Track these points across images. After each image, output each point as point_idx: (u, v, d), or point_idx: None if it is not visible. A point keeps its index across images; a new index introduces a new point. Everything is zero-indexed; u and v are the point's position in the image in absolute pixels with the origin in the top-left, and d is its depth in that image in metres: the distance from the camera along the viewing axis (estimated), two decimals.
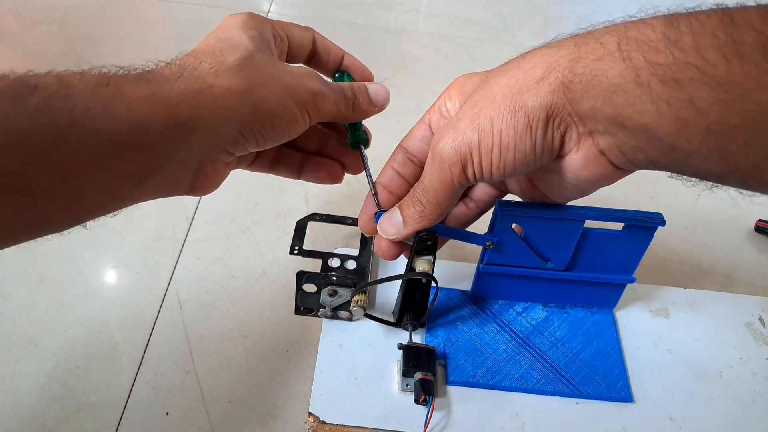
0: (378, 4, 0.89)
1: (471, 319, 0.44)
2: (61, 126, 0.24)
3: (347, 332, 0.42)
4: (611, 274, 0.42)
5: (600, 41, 0.27)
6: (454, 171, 0.31)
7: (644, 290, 0.48)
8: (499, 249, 0.40)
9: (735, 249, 0.58)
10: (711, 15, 0.24)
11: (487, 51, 0.81)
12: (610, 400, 0.40)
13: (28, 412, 0.39)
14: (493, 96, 0.30)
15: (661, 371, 0.43)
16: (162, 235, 0.52)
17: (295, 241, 0.46)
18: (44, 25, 0.74)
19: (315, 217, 0.48)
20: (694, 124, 0.24)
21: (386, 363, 0.41)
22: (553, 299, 0.45)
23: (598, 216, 0.38)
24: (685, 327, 0.46)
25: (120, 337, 0.44)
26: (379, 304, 0.44)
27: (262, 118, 0.30)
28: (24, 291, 0.46)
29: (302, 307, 0.42)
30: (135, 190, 0.28)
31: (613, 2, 0.94)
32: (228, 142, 0.30)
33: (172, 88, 0.27)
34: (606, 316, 0.45)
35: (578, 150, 0.30)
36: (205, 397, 0.41)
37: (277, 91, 0.31)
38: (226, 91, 0.29)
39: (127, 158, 0.26)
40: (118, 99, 0.25)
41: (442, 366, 0.41)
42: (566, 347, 0.43)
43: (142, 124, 0.26)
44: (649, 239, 0.40)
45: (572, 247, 0.40)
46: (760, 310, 0.48)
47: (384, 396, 0.39)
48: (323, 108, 0.34)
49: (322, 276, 0.40)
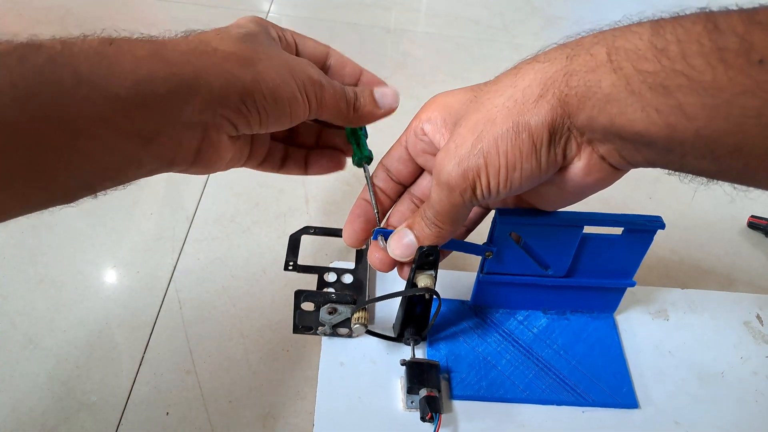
0: (378, 4, 0.89)
1: (472, 330, 0.44)
2: (66, 83, 0.24)
3: (347, 349, 0.42)
4: (611, 279, 0.42)
5: (590, 52, 0.27)
6: (465, 195, 0.31)
7: (642, 292, 0.48)
8: (499, 258, 0.40)
9: (729, 246, 0.58)
10: (696, 21, 0.24)
11: (487, 51, 0.81)
12: (615, 407, 0.40)
13: (28, 412, 0.39)
14: (493, 118, 0.30)
15: (663, 374, 0.43)
16: (162, 235, 0.52)
17: (289, 256, 0.45)
18: (44, 25, 0.74)
19: (308, 230, 0.47)
20: (684, 130, 0.25)
21: (389, 379, 0.40)
22: (553, 306, 0.45)
23: (597, 221, 0.38)
24: (685, 328, 0.46)
25: (120, 337, 0.44)
26: (379, 318, 0.44)
27: (264, 89, 0.31)
28: (24, 291, 0.46)
29: (300, 326, 0.42)
30: (141, 153, 0.28)
31: (613, 2, 0.94)
32: (231, 110, 0.30)
33: (176, 48, 0.28)
34: (606, 321, 0.45)
35: (579, 159, 0.30)
36: (205, 397, 0.41)
37: (279, 67, 0.32)
38: (229, 55, 0.30)
39: (132, 115, 0.26)
40: (121, 56, 0.26)
41: (446, 380, 0.41)
42: (569, 355, 0.43)
43: (146, 80, 0.26)
44: (648, 243, 0.40)
45: (572, 253, 0.40)
46: (758, 307, 0.48)
47: (389, 414, 0.39)
48: (322, 98, 0.34)
49: (321, 294, 0.40)
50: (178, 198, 0.55)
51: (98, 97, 0.25)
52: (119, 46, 0.26)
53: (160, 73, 0.27)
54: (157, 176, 0.31)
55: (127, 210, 0.53)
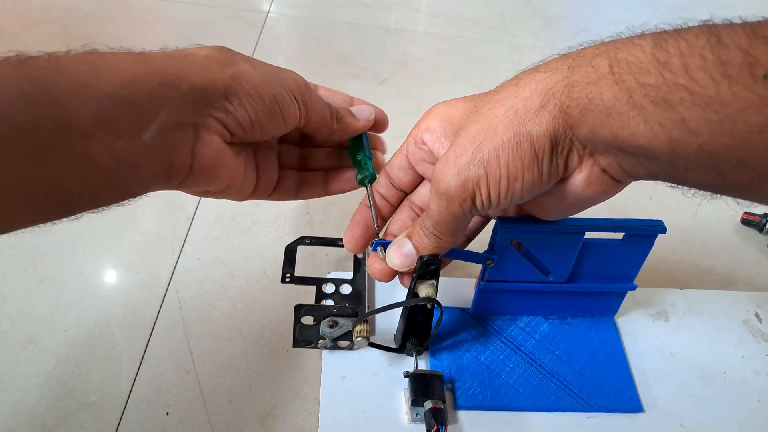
0: (378, 4, 0.89)
1: (475, 339, 0.43)
2: (60, 85, 0.25)
3: (349, 362, 0.41)
4: (612, 283, 0.42)
5: (592, 64, 0.27)
6: (464, 206, 0.31)
7: (642, 294, 0.48)
8: (500, 266, 0.39)
9: (729, 245, 0.58)
10: (698, 34, 0.24)
11: (486, 51, 0.81)
12: (620, 412, 0.40)
13: (28, 412, 0.39)
14: (493, 128, 0.30)
15: (666, 377, 0.43)
16: (162, 235, 0.52)
17: (285, 267, 0.45)
18: (44, 25, 0.74)
19: (304, 240, 0.47)
20: (687, 144, 0.24)
21: (392, 392, 0.40)
22: (554, 311, 0.45)
23: (598, 227, 0.38)
24: (685, 329, 0.46)
25: (120, 337, 0.44)
26: (380, 330, 0.44)
27: (246, 86, 0.32)
28: (24, 291, 0.46)
29: (301, 339, 0.41)
30: (138, 156, 0.28)
31: (613, 2, 0.94)
32: (217, 108, 0.31)
33: (157, 55, 0.30)
34: (608, 325, 0.45)
35: (580, 171, 0.30)
36: (205, 397, 0.41)
37: (261, 68, 0.33)
38: (209, 57, 0.31)
39: (123, 112, 0.27)
40: (105, 61, 0.27)
41: (450, 390, 0.40)
42: (572, 360, 0.42)
43: (132, 80, 0.28)
44: (649, 247, 0.40)
45: (573, 259, 0.39)
46: (756, 305, 0.48)
47: (393, 428, 0.38)
48: (310, 103, 0.35)
49: (321, 308, 0.40)
50: (178, 198, 0.55)
51: (91, 97, 0.26)
52: (102, 54, 0.28)
53: (143, 73, 0.28)
54: None
55: (127, 210, 0.53)
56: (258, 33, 0.78)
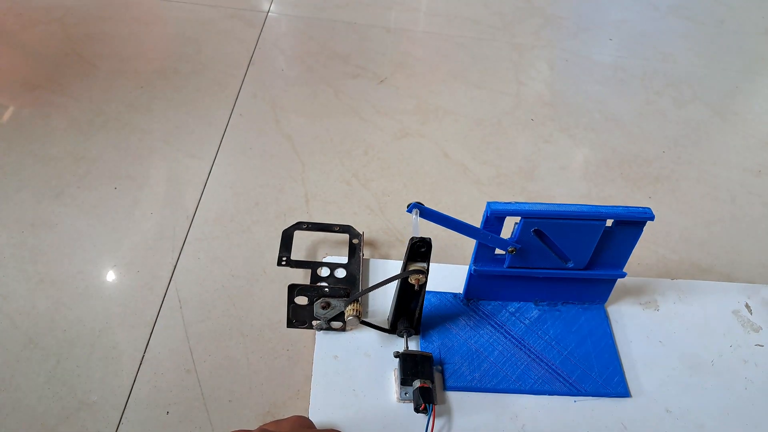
0: (378, 3, 0.89)
1: (465, 322, 0.44)
2: None
3: (341, 343, 0.42)
4: (603, 271, 0.43)
5: None
6: None
7: (632, 283, 0.48)
8: (521, 253, 0.41)
9: (728, 245, 0.58)
10: None
11: (487, 51, 0.81)
12: (607, 396, 0.41)
13: (28, 412, 0.39)
14: None
15: (654, 364, 0.43)
16: (162, 234, 0.52)
17: (282, 251, 0.46)
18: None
19: (301, 225, 0.47)
20: None
21: (383, 372, 0.41)
22: (545, 297, 0.46)
23: (587, 215, 0.39)
24: (675, 318, 0.47)
25: (120, 336, 0.44)
26: (372, 312, 0.44)
27: None
28: (24, 291, 0.46)
29: (294, 320, 0.42)
30: None
31: (612, 2, 0.94)
32: None
33: None
34: (597, 312, 0.46)
35: None
36: (205, 397, 0.41)
37: None
38: None
39: None
40: None
41: (440, 372, 0.41)
42: (561, 345, 0.43)
43: None
44: (638, 234, 0.41)
45: (593, 246, 0.41)
46: (746, 297, 0.49)
47: (383, 406, 0.39)
48: None
49: (314, 288, 0.40)
50: (178, 198, 0.55)
51: None
52: None
53: None
54: (157, 176, 0.31)
55: (127, 210, 0.54)
56: (258, 33, 0.77)
